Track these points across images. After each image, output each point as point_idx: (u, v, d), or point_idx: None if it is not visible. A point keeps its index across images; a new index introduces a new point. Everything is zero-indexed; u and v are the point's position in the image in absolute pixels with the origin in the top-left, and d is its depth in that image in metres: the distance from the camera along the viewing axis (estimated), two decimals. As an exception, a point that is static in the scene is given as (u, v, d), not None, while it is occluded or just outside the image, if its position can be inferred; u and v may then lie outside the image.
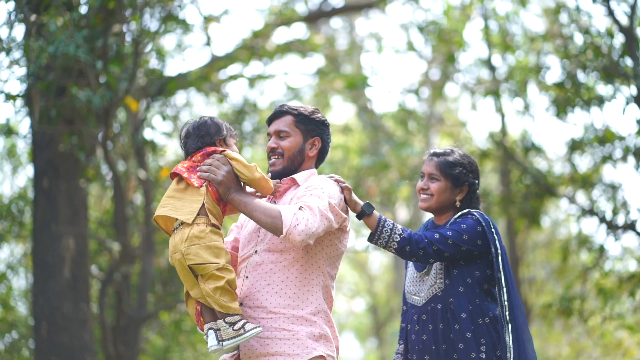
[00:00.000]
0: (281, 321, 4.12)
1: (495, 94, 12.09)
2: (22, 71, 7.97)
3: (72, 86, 7.96)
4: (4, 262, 12.21)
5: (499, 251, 4.48)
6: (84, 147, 8.46)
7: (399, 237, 4.38)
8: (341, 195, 4.26)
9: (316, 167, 4.45)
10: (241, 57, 11.82)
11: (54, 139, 8.36)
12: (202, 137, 4.21)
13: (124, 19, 8.21)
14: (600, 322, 10.63)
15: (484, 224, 4.51)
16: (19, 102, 8.29)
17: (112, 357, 9.73)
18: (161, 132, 11.84)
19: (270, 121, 4.43)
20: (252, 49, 11.77)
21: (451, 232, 4.47)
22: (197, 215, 4.04)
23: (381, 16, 15.75)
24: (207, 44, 12.04)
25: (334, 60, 14.41)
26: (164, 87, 10.18)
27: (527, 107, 11.84)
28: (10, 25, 7.70)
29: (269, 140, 4.39)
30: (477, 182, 4.72)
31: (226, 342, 3.99)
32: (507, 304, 4.42)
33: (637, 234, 9.77)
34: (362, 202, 4.36)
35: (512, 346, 4.38)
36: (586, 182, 10.45)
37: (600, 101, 9.87)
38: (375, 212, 4.38)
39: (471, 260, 4.52)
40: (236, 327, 3.99)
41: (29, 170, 12.12)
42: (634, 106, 9.24)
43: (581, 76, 9.96)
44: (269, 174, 4.33)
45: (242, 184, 4.19)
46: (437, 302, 4.53)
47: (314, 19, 13.27)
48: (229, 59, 11.79)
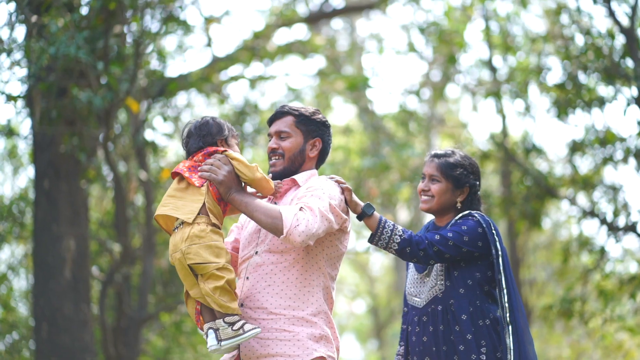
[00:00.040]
0: (282, 322, 4.12)
1: (496, 95, 12.08)
2: (23, 72, 7.98)
3: (73, 87, 7.96)
4: (4, 263, 12.21)
5: (500, 253, 4.48)
6: (84, 148, 8.47)
7: (399, 238, 4.37)
8: (342, 196, 4.25)
9: (317, 168, 4.44)
10: (242, 58, 11.81)
11: (55, 140, 8.37)
12: (203, 137, 4.21)
13: (124, 20, 8.22)
14: (601, 324, 10.61)
15: (484, 226, 4.50)
16: (20, 103, 8.30)
17: (113, 358, 9.73)
18: (162, 133, 11.86)
19: (271, 122, 4.42)
20: (253, 50, 11.77)
21: (452, 233, 4.46)
22: (198, 214, 4.04)
23: (382, 17, 15.77)
24: (208, 45, 12.04)
25: (335, 61, 14.41)
26: (164, 88, 10.18)
27: (528, 109, 11.83)
28: (11, 26, 7.71)
29: (270, 140, 4.39)
30: (478, 183, 4.71)
31: (225, 342, 3.99)
32: (507, 305, 4.42)
33: (638, 235, 9.76)
34: (362, 203, 4.35)
35: (512, 348, 4.37)
36: (587, 183, 10.44)
37: (601, 102, 9.86)
38: (375, 213, 4.38)
39: (472, 261, 4.52)
40: (235, 327, 3.99)
41: (29, 171, 12.13)
42: (634, 107, 9.24)
43: (582, 77, 9.96)
44: (270, 175, 4.32)
45: (243, 184, 4.19)
46: (438, 304, 4.52)
47: (314, 20, 13.27)
48: (230, 60, 11.78)
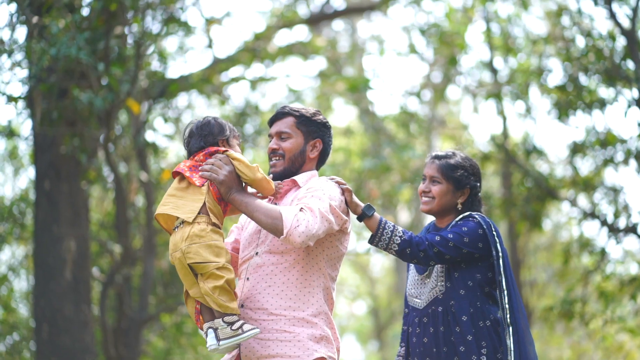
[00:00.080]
0: (282, 323, 4.12)
1: (497, 97, 12.08)
2: (23, 73, 7.98)
3: (74, 88, 7.96)
4: (5, 264, 12.21)
5: (500, 254, 4.47)
6: (85, 149, 8.47)
7: (399, 239, 4.37)
8: (342, 197, 4.25)
9: (317, 169, 4.44)
10: (243, 59, 11.82)
11: (56, 141, 8.37)
12: (205, 137, 4.21)
13: (125, 21, 8.22)
14: (601, 325, 10.60)
15: (485, 227, 4.50)
16: (21, 104, 8.30)
17: (113, 359, 9.73)
18: (163, 134, 11.86)
19: (271, 122, 4.42)
20: (254, 51, 11.77)
21: (452, 234, 4.46)
22: (198, 214, 4.04)
23: (383, 19, 15.78)
24: (209, 46, 12.05)
25: (336, 62, 14.43)
26: (165, 89, 10.18)
27: (528, 110, 11.83)
28: (12, 27, 7.71)
29: (271, 141, 4.39)
30: (478, 184, 4.71)
31: (223, 342, 3.99)
32: (508, 306, 4.41)
33: (639, 237, 9.76)
34: (362, 204, 4.35)
35: (513, 349, 4.37)
36: (588, 185, 10.44)
37: (602, 104, 9.85)
38: (375, 214, 4.38)
39: (472, 263, 4.51)
40: (234, 327, 3.99)
41: (30, 172, 12.12)
42: (635, 109, 9.23)
43: (583, 79, 9.95)
44: (270, 175, 4.32)
45: (244, 185, 4.19)
46: (438, 305, 4.52)
47: (315, 21, 13.27)
48: (231, 61, 11.79)
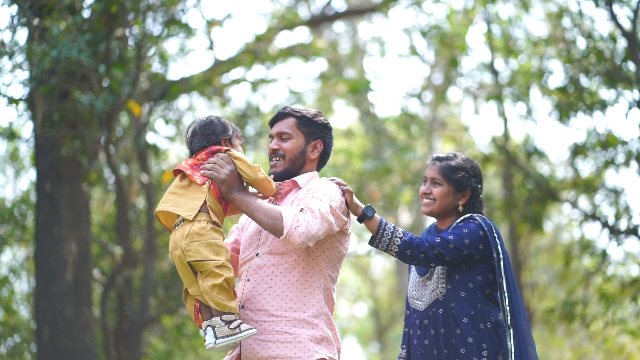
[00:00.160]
0: (283, 324, 4.12)
1: (497, 99, 12.08)
2: (24, 75, 7.99)
3: (75, 90, 7.96)
4: (6, 266, 12.21)
5: (501, 256, 4.47)
6: (86, 151, 8.47)
7: (399, 240, 4.37)
8: (342, 198, 4.25)
9: (318, 170, 4.44)
10: (244, 61, 11.83)
11: (57, 142, 8.37)
12: (207, 136, 4.21)
13: (126, 23, 8.23)
14: (602, 327, 10.60)
15: (485, 229, 4.49)
16: (22, 106, 8.30)
17: (114, 361, 9.73)
18: (164, 136, 11.86)
19: (272, 123, 4.43)
20: (255, 53, 11.78)
21: (453, 236, 4.46)
22: (199, 212, 4.04)
23: (384, 20, 15.78)
24: (210, 48, 12.05)
25: (337, 64, 14.43)
26: (166, 91, 10.18)
27: (529, 112, 11.83)
28: (13, 29, 7.72)
29: (271, 142, 4.39)
30: (479, 186, 4.71)
31: (220, 340, 3.98)
32: (508, 308, 4.41)
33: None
34: (363, 205, 4.35)
35: (513, 351, 4.36)
36: (589, 186, 10.44)
37: (603, 106, 9.85)
38: (376, 215, 4.37)
39: (473, 264, 4.51)
40: (232, 326, 3.98)
41: (31, 174, 12.13)
42: (636, 111, 9.23)
43: (584, 80, 9.95)
44: (271, 176, 4.33)
45: (245, 184, 4.19)
46: (439, 307, 4.51)
47: (316, 23, 13.27)
48: (232, 63, 11.80)
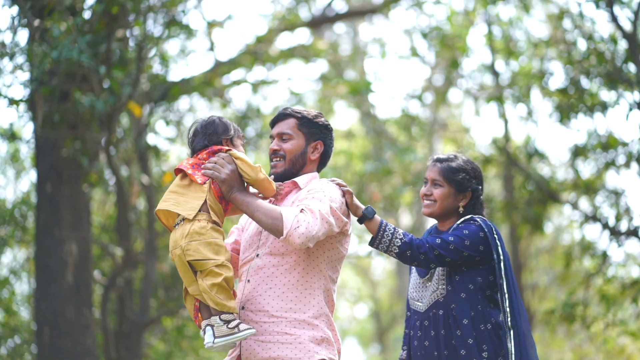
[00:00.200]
0: (283, 325, 4.12)
1: (498, 100, 12.08)
2: (25, 76, 7.99)
3: (76, 91, 7.96)
4: (6, 267, 12.21)
5: (502, 257, 4.46)
6: (87, 152, 8.46)
7: (400, 241, 4.37)
8: (343, 199, 4.25)
9: (318, 171, 4.45)
10: (244, 62, 11.83)
11: (57, 144, 8.37)
12: (209, 136, 4.22)
13: (127, 24, 8.23)
14: (603, 328, 10.60)
15: (486, 230, 4.49)
16: (23, 107, 8.30)
17: (115, 362, 9.73)
18: (164, 137, 11.86)
19: (273, 124, 4.43)
20: (256, 54, 11.78)
21: (453, 237, 4.45)
22: (199, 211, 4.05)
23: (385, 22, 15.77)
24: (211, 49, 12.06)
25: (338, 65, 14.43)
26: (167, 92, 10.19)
27: (530, 113, 11.83)
28: (13, 30, 7.72)
29: (272, 142, 4.39)
30: (480, 188, 4.70)
31: (219, 339, 3.98)
32: (509, 310, 4.40)
33: (640, 239, 9.76)
34: (363, 206, 4.35)
35: (514, 352, 4.36)
36: (589, 188, 10.44)
37: (603, 107, 9.85)
38: (376, 216, 4.37)
39: (473, 266, 4.51)
40: (231, 326, 3.98)
41: (32, 175, 12.12)
42: (637, 112, 9.24)
43: (584, 82, 9.96)
44: (272, 176, 4.33)
45: (246, 185, 4.19)
46: (439, 308, 4.51)
47: (317, 24, 13.28)
48: (233, 64, 11.80)
